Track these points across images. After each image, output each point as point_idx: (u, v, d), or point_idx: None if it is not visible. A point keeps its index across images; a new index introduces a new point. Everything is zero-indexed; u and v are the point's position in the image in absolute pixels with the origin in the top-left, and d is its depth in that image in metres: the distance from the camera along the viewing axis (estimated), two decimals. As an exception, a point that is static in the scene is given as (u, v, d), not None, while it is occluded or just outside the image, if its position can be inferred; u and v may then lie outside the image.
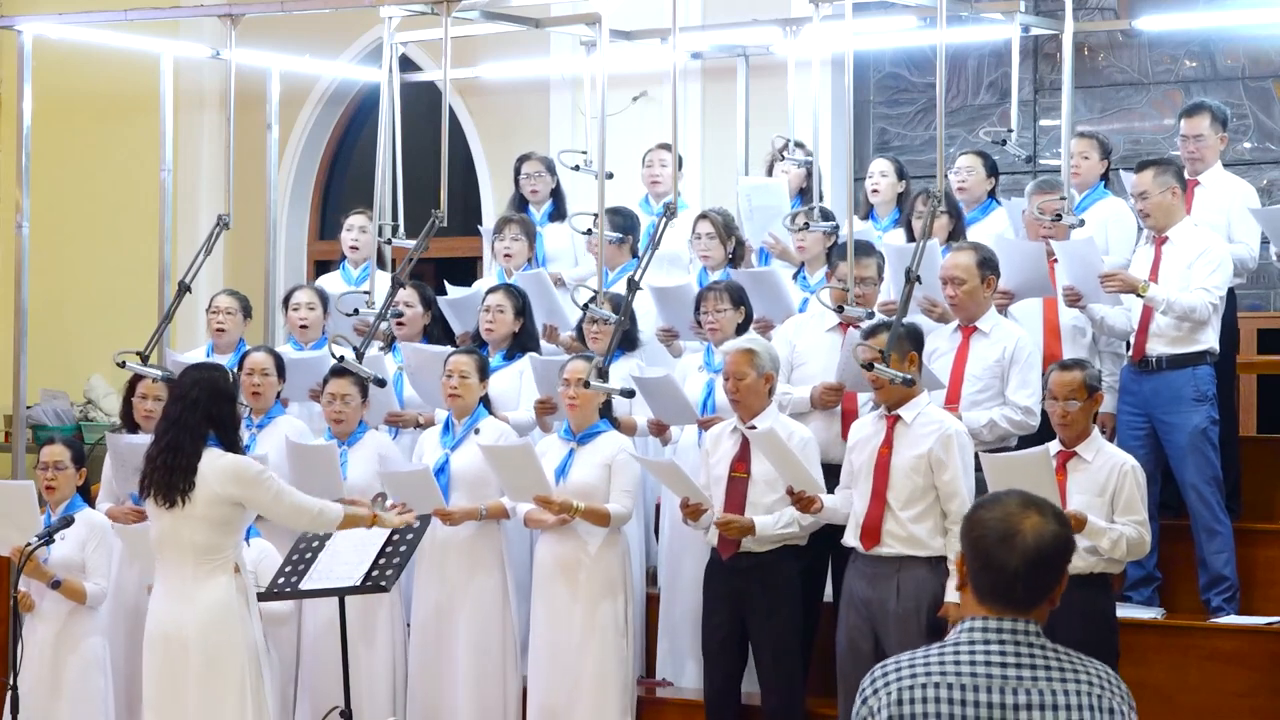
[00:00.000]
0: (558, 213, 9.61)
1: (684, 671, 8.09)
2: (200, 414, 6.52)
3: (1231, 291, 8.04)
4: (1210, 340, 7.67)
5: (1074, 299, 7.69)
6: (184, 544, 6.50)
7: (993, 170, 8.82)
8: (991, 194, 8.84)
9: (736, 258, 8.73)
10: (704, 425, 7.81)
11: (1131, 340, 7.79)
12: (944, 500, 6.85)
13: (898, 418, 6.94)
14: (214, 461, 6.48)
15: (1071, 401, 6.67)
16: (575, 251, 9.50)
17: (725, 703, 7.40)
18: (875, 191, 9.06)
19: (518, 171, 9.71)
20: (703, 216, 8.81)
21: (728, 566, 7.28)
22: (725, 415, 7.58)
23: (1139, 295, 7.59)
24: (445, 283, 9.60)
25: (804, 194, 9.21)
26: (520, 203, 9.69)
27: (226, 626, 6.48)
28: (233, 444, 6.58)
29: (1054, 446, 6.68)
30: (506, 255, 9.16)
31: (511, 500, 7.77)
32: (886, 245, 8.16)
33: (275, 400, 8.37)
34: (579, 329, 8.47)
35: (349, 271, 9.63)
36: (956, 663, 3.30)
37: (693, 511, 7.27)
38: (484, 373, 8.02)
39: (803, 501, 7.03)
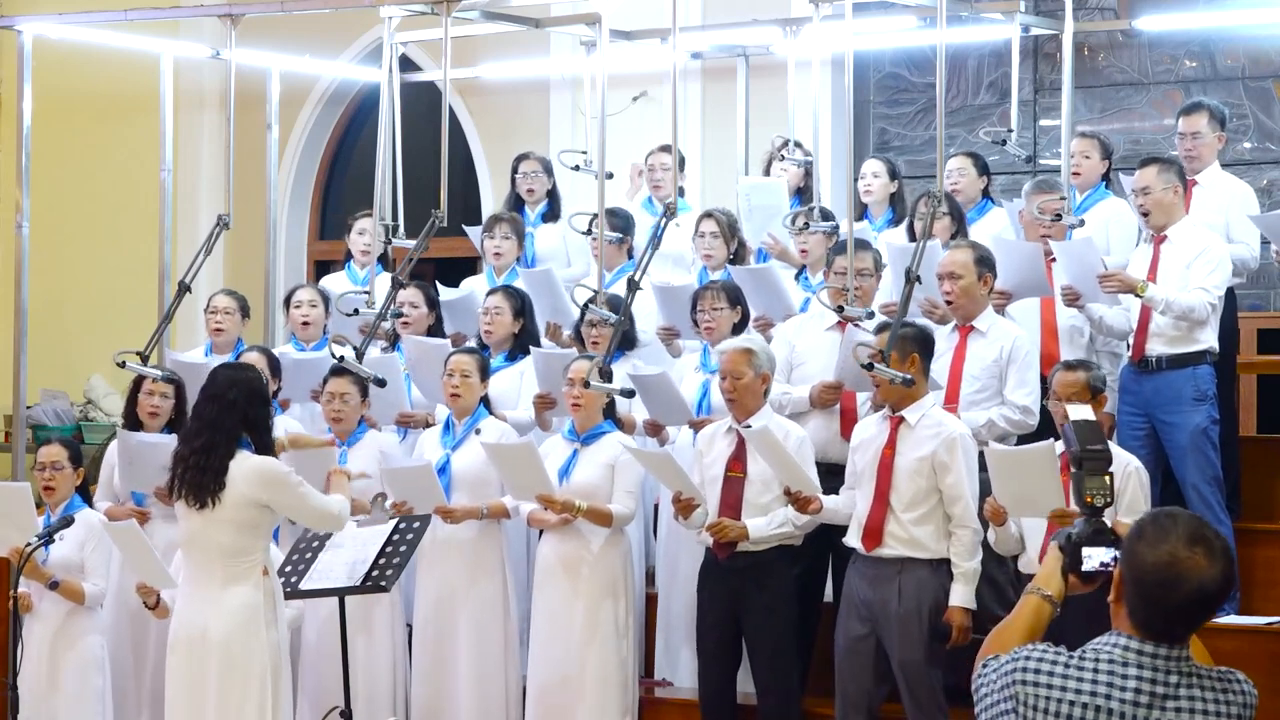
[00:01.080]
0: (552, 213, 9.60)
1: (678, 671, 8.10)
2: (237, 416, 6.52)
3: (1231, 291, 8.03)
4: (1209, 339, 7.67)
5: (1073, 299, 7.68)
6: (211, 546, 6.50)
7: (984, 170, 8.81)
8: (987, 194, 8.85)
9: (738, 258, 8.74)
10: (694, 426, 7.81)
11: (1130, 340, 7.79)
12: (948, 504, 6.86)
13: (901, 419, 6.94)
14: (242, 464, 6.49)
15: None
16: (567, 252, 9.50)
17: (721, 703, 7.39)
18: (868, 192, 9.06)
19: (515, 170, 9.70)
20: (707, 215, 8.81)
21: (723, 566, 7.27)
22: (719, 416, 7.58)
23: (1137, 295, 7.58)
24: (436, 284, 9.58)
25: (802, 193, 9.21)
26: (516, 202, 9.69)
27: (251, 630, 6.49)
28: (265, 446, 6.58)
29: (1058, 447, 6.67)
30: (496, 254, 9.16)
31: (514, 499, 7.77)
32: (890, 246, 8.14)
33: (273, 400, 8.35)
34: (577, 330, 8.47)
35: (355, 272, 9.61)
36: (1110, 684, 3.29)
37: (684, 506, 7.25)
38: (485, 373, 8.02)
39: (800, 502, 7.03)
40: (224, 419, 6.52)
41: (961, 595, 6.82)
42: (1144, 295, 7.56)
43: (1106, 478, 3.59)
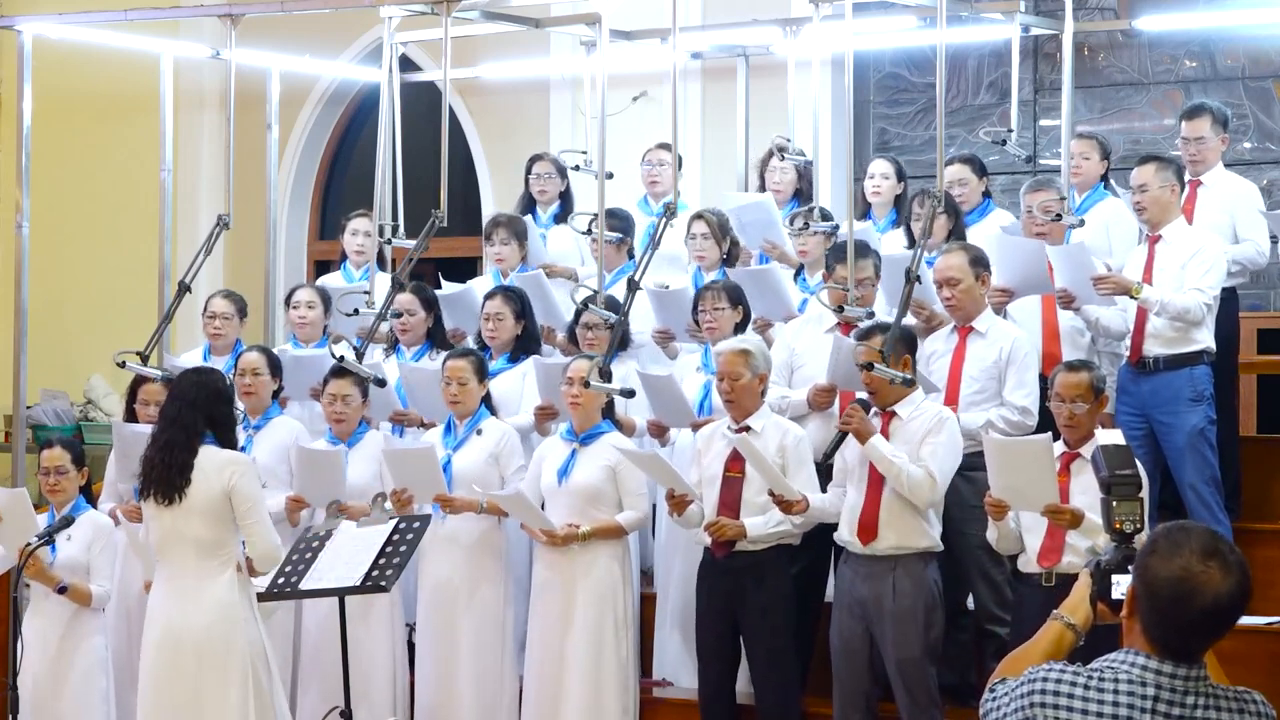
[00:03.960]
0: (564, 215, 9.59)
1: (669, 670, 8.10)
2: (199, 413, 6.58)
3: (1233, 291, 8.04)
4: (1206, 340, 7.67)
5: (1068, 301, 7.69)
6: (186, 541, 6.53)
7: (983, 172, 8.82)
8: (987, 194, 8.85)
9: (731, 258, 8.74)
10: (696, 428, 7.81)
11: (1129, 341, 7.79)
12: (923, 460, 6.88)
13: (893, 414, 6.97)
14: (212, 456, 6.54)
15: (1078, 403, 6.63)
16: (581, 252, 9.49)
17: (720, 702, 7.40)
18: (876, 193, 9.04)
19: (529, 171, 9.70)
20: (698, 217, 8.81)
21: (721, 565, 7.28)
22: (720, 416, 7.58)
23: (1132, 297, 7.58)
24: (440, 276, 9.56)
25: (799, 195, 9.21)
26: (529, 202, 9.69)
27: (231, 624, 6.51)
28: (230, 443, 6.65)
29: (1059, 447, 6.67)
30: (498, 259, 9.15)
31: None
32: (887, 259, 8.08)
33: (272, 400, 8.35)
34: (571, 331, 8.47)
35: (350, 272, 9.61)
36: (1130, 706, 3.23)
37: (678, 503, 7.27)
38: (482, 374, 8.00)
39: (783, 505, 7.05)
40: (185, 416, 6.64)
41: (878, 442, 6.86)
42: (1139, 297, 7.55)
43: (1137, 503, 3.52)
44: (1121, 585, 3.41)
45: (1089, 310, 7.71)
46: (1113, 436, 3.66)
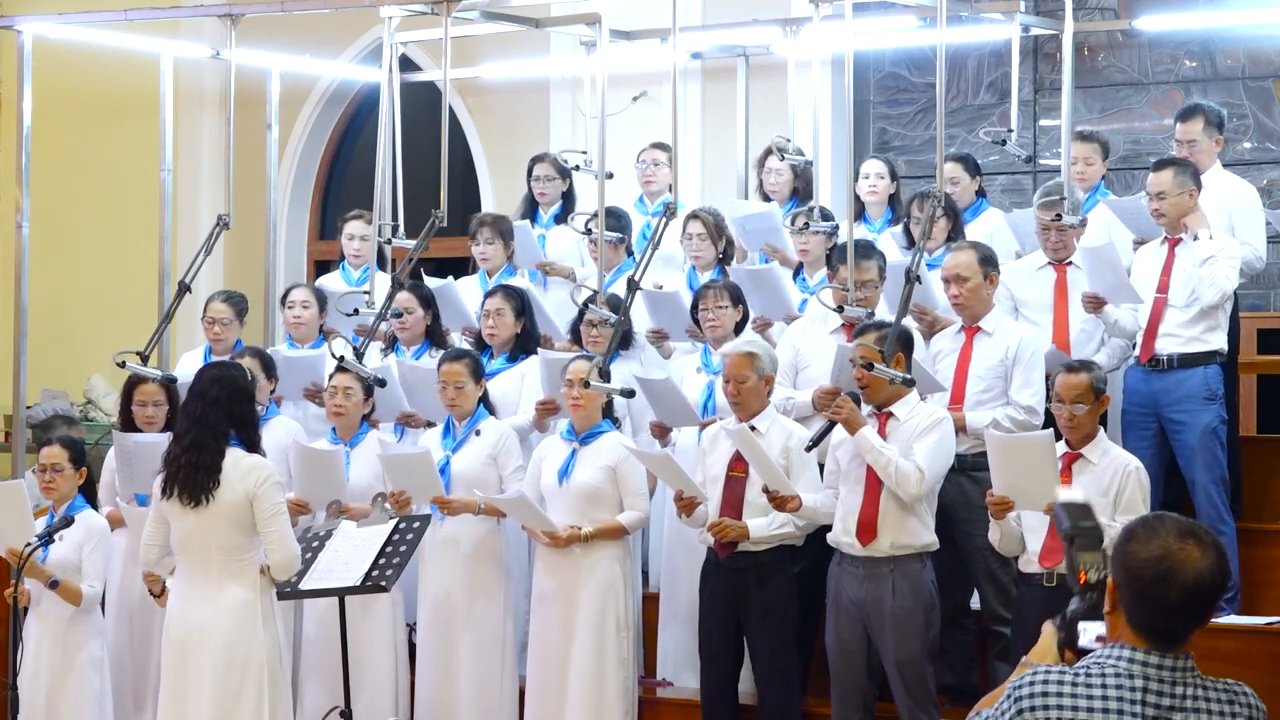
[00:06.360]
0: (566, 215, 9.59)
1: (670, 670, 8.10)
2: (222, 412, 6.56)
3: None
4: (1220, 341, 7.71)
5: (1098, 305, 7.69)
6: (208, 545, 6.53)
7: (975, 171, 8.82)
8: (980, 193, 8.86)
9: (727, 257, 8.74)
10: (704, 428, 7.81)
11: (1139, 339, 7.79)
12: (914, 455, 6.88)
13: (890, 414, 6.97)
14: (238, 462, 6.53)
15: (1078, 405, 6.63)
16: (581, 253, 9.49)
17: (722, 703, 7.40)
18: (873, 192, 9.05)
19: (530, 173, 9.70)
20: (693, 216, 8.81)
21: (724, 566, 7.29)
22: (725, 416, 7.58)
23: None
24: (421, 270, 9.55)
25: (798, 195, 9.21)
26: (530, 203, 9.69)
27: (249, 627, 6.52)
28: (253, 443, 6.63)
29: (1060, 448, 6.67)
30: (483, 259, 9.15)
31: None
32: (891, 264, 8.09)
33: (269, 401, 8.34)
34: (575, 331, 8.46)
35: (349, 273, 9.61)
36: (1119, 699, 3.25)
37: (686, 505, 7.27)
38: (478, 375, 7.99)
39: (777, 501, 7.05)
40: (210, 415, 6.58)
41: (868, 433, 6.84)
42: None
43: (1100, 553, 3.50)
44: (1090, 632, 3.43)
45: (1109, 310, 7.73)
46: (1072, 494, 3.69)
